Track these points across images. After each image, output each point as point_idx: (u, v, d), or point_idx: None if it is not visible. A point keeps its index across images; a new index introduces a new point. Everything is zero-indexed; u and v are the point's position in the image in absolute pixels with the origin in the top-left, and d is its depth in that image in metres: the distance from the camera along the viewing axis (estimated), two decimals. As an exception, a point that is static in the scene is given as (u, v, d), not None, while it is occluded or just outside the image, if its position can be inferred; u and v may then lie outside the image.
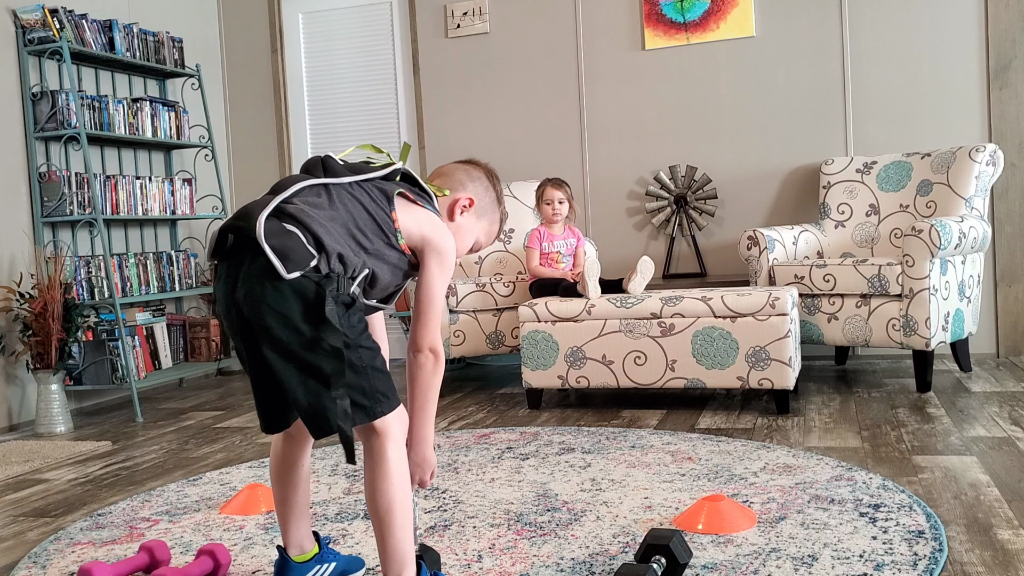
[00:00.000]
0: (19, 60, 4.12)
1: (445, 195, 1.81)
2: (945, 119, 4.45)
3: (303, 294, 1.49)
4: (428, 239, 1.68)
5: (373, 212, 1.64)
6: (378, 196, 1.66)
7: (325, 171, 1.66)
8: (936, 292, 3.55)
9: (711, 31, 4.74)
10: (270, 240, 1.48)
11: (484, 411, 3.76)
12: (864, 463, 2.63)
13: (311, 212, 1.54)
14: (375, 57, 5.38)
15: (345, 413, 1.52)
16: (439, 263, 1.69)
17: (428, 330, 1.68)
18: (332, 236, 1.54)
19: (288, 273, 1.48)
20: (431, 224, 1.70)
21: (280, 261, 1.47)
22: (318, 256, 1.51)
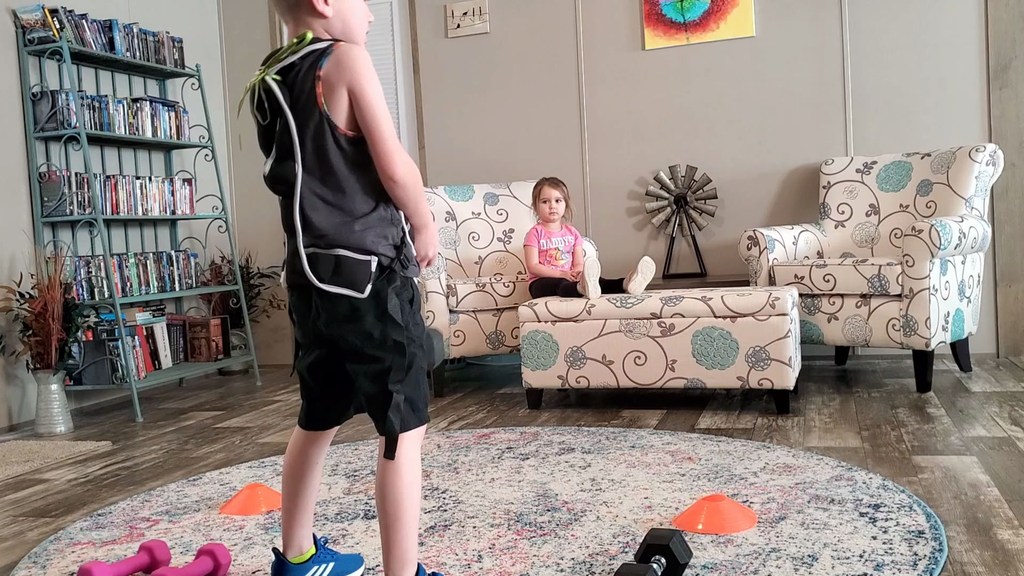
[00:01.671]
0: (19, 60, 4.12)
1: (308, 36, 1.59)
2: (945, 119, 4.45)
3: (372, 300, 1.59)
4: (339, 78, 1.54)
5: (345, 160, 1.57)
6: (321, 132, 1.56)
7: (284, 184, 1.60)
8: (936, 292, 3.55)
9: (711, 31, 4.74)
10: (332, 280, 1.57)
11: (484, 411, 3.76)
12: (864, 463, 2.63)
13: (334, 233, 1.58)
14: (375, 57, 5.35)
15: (398, 408, 1.59)
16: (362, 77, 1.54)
17: (389, 144, 1.56)
18: (365, 236, 1.58)
19: (364, 293, 1.58)
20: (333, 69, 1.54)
21: (352, 290, 1.57)
22: (373, 257, 1.58)
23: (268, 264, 5.56)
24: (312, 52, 1.57)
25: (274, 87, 1.57)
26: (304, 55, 1.57)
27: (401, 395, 1.60)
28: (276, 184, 1.63)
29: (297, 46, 1.58)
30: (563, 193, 4.14)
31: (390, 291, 1.60)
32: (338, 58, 1.55)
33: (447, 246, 4.57)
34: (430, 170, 5.22)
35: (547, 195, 4.13)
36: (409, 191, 1.60)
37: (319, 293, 1.59)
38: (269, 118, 1.60)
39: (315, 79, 1.54)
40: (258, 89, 1.59)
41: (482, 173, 5.12)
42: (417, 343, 1.64)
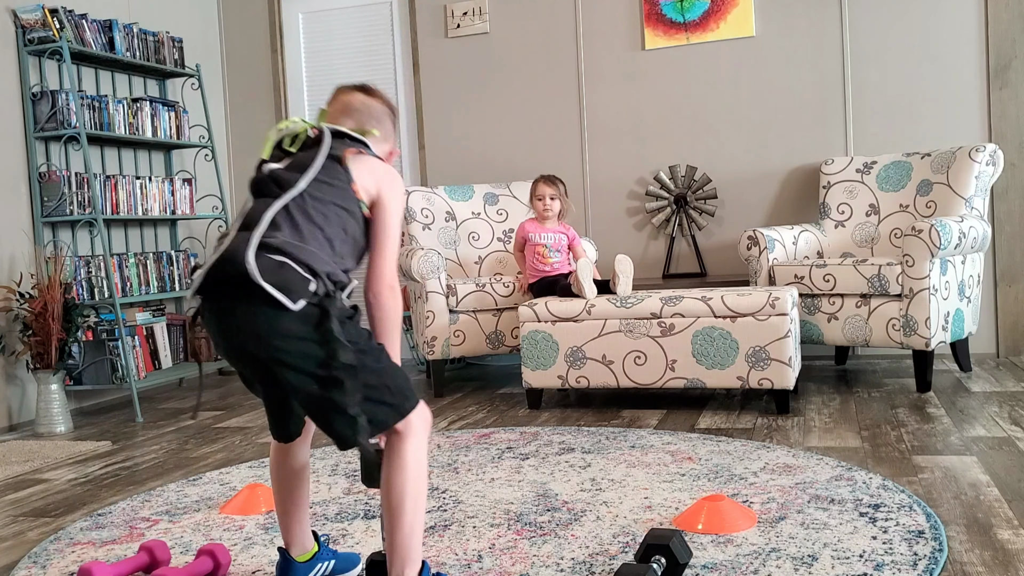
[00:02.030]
0: (19, 60, 4.12)
1: (376, 135, 1.79)
2: (945, 119, 4.45)
3: (308, 319, 1.53)
4: (379, 183, 1.70)
5: (339, 202, 1.64)
6: (334, 174, 1.66)
7: (279, 186, 1.62)
8: (936, 292, 3.55)
9: (711, 31, 4.74)
10: (268, 277, 1.50)
11: (484, 411, 3.76)
12: (864, 463, 2.63)
13: (293, 241, 1.57)
14: (375, 57, 5.38)
15: (364, 429, 1.56)
16: (393, 197, 1.71)
17: (386, 267, 1.70)
18: (319, 258, 1.58)
19: (296, 304, 1.52)
20: (377, 170, 1.72)
21: (284, 295, 1.51)
22: (314, 280, 1.55)
23: (268, 264, 5.55)
24: (365, 144, 1.75)
25: (326, 130, 1.70)
26: (357, 139, 1.74)
27: (364, 416, 1.56)
28: (272, 183, 1.63)
29: (358, 131, 1.75)
30: (558, 191, 4.12)
31: (332, 313, 1.55)
32: (388, 170, 1.74)
33: (447, 246, 4.57)
34: (430, 170, 5.22)
35: (541, 192, 4.13)
36: (388, 314, 1.68)
37: (247, 298, 1.51)
38: (298, 148, 1.70)
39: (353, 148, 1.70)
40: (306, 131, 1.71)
41: (482, 173, 5.12)
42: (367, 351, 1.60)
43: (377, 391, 1.58)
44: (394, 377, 1.62)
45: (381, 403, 1.58)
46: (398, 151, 1.86)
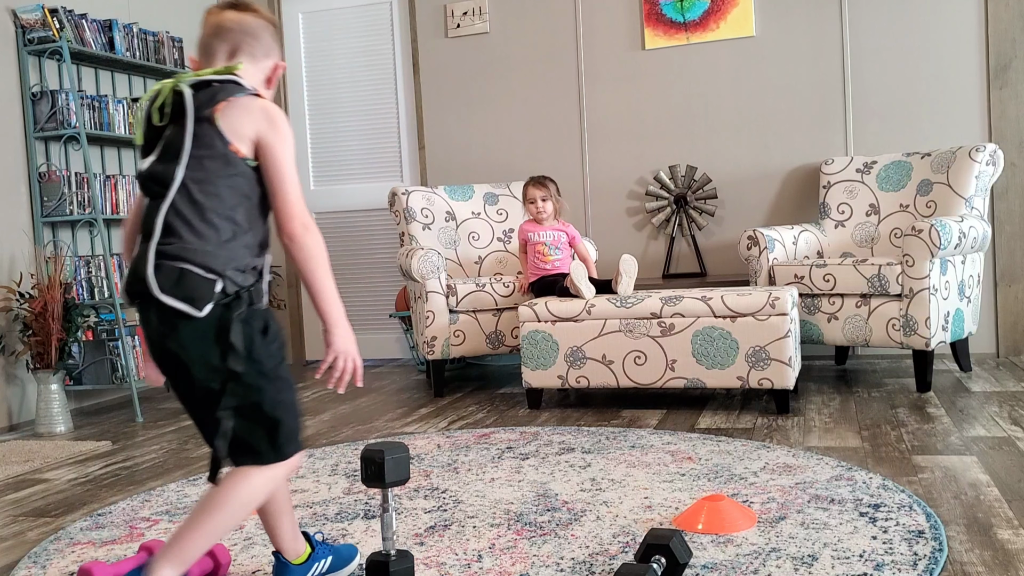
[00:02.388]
0: (19, 60, 4.12)
1: (242, 68, 1.65)
2: (945, 119, 4.45)
3: (211, 323, 1.54)
4: (256, 126, 1.59)
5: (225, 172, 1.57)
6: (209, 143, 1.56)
7: (160, 184, 1.58)
8: (936, 292, 3.55)
9: (711, 31, 4.74)
10: (170, 289, 1.52)
11: (484, 411, 3.76)
12: (864, 463, 2.63)
13: (191, 244, 1.54)
14: (375, 57, 5.38)
15: (225, 434, 1.55)
16: (278, 136, 1.60)
17: (293, 206, 1.59)
18: (219, 257, 1.55)
19: (202, 311, 1.52)
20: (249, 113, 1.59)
21: (189, 305, 1.52)
22: (220, 279, 1.54)
23: (268, 264, 5.55)
24: (235, 84, 1.61)
25: (187, 93, 1.58)
26: (225, 81, 1.61)
27: (231, 422, 1.55)
28: (152, 183, 1.58)
29: (223, 71, 1.62)
30: (549, 192, 4.11)
31: (235, 318, 1.54)
32: (264, 108, 1.60)
33: (447, 246, 4.57)
34: (430, 170, 5.23)
35: (531, 196, 4.13)
36: (307, 252, 1.58)
37: (157, 306, 1.54)
38: (167, 122, 1.60)
39: (223, 100, 1.58)
40: (168, 94, 1.60)
41: (482, 173, 5.12)
42: (271, 376, 1.59)
43: (268, 422, 1.58)
44: (290, 415, 1.61)
45: (266, 435, 1.57)
46: (282, 64, 1.75)
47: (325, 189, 5.50)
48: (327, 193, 5.50)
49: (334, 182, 5.49)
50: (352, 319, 6.12)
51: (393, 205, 4.58)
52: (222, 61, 1.68)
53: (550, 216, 4.12)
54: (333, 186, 5.49)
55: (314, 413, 3.92)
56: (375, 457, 1.70)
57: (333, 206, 5.49)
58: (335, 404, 4.11)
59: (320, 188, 5.51)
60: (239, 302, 1.56)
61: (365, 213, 5.42)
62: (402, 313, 4.93)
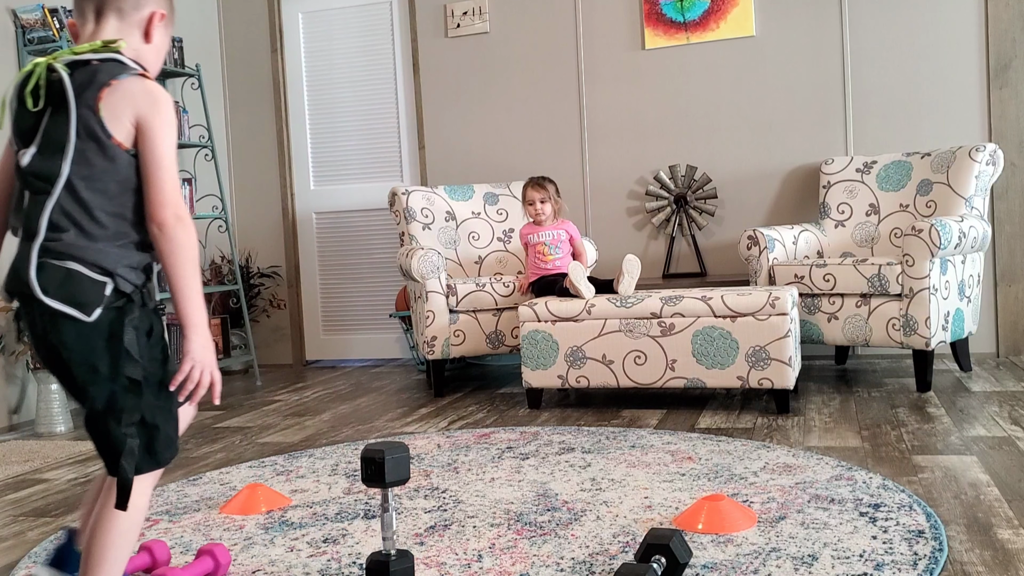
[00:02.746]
0: (19, 60, 4.12)
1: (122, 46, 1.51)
2: (945, 119, 4.45)
3: (101, 328, 1.45)
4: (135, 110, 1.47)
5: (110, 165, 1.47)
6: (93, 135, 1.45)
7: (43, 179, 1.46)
8: (936, 292, 3.55)
9: (711, 31, 4.74)
10: (56, 292, 1.42)
11: (484, 411, 3.76)
12: (864, 463, 2.63)
13: (79, 242, 1.44)
14: (375, 57, 5.38)
15: (132, 453, 1.46)
16: (159, 120, 1.48)
17: (166, 194, 1.47)
18: (110, 255, 1.46)
19: (90, 316, 1.43)
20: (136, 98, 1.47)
21: (76, 309, 1.43)
22: (110, 280, 1.46)
23: (268, 264, 5.56)
24: (115, 61, 1.49)
25: (64, 76, 1.45)
26: (105, 59, 1.48)
27: (136, 439, 1.47)
28: (36, 179, 1.46)
29: (103, 49, 1.49)
30: (547, 193, 4.12)
31: (126, 322, 1.46)
32: (147, 90, 1.48)
33: (447, 246, 4.57)
34: (430, 170, 5.23)
35: (530, 197, 4.14)
36: (175, 244, 1.46)
37: (41, 309, 1.43)
38: (43, 106, 1.47)
39: (106, 85, 1.46)
40: (43, 74, 1.47)
41: (482, 173, 5.12)
42: (151, 381, 1.50)
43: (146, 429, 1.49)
44: (169, 422, 1.52)
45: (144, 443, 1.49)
46: (160, 11, 1.57)
47: (325, 189, 5.50)
48: (327, 193, 5.50)
49: (334, 182, 5.49)
50: (352, 319, 6.08)
51: (393, 205, 4.58)
52: (91, 23, 1.55)
53: (549, 218, 4.12)
54: (333, 186, 5.49)
55: (314, 413, 3.92)
56: (375, 457, 1.70)
57: (333, 206, 5.49)
58: (335, 404, 4.11)
59: (320, 188, 5.51)
60: (131, 305, 1.47)
61: (365, 213, 5.42)
62: (402, 313, 4.93)
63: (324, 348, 5.56)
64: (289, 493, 2.61)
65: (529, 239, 4.12)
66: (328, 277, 5.53)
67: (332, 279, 5.52)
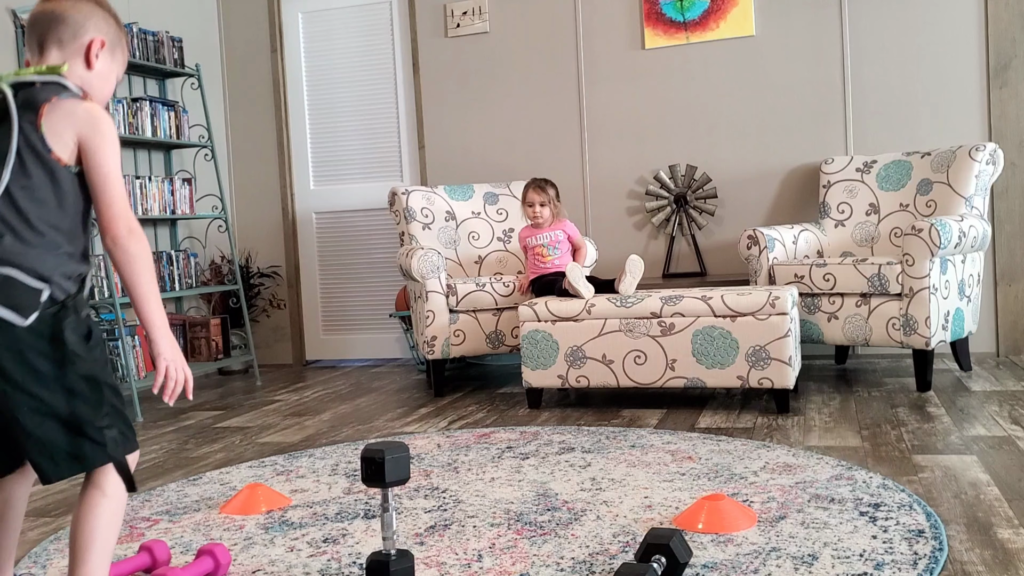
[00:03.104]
0: (19, 60, 4.12)
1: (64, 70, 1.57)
2: (945, 118, 4.45)
3: (41, 333, 1.46)
4: (77, 130, 1.53)
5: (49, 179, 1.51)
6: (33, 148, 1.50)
7: None
8: (936, 291, 3.55)
9: (711, 30, 4.74)
10: None
11: (484, 411, 3.76)
12: (864, 462, 2.63)
13: (15, 248, 1.47)
14: (375, 57, 5.38)
15: (115, 441, 1.50)
16: (100, 138, 1.54)
17: (116, 208, 1.54)
18: (46, 261, 1.49)
19: (26, 320, 1.45)
20: (71, 117, 1.53)
21: (13, 312, 1.44)
22: (47, 285, 1.48)
23: (268, 264, 5.56)
24: (57, 84, 1.55)
25: (8, 94, 1.52)
26: (48, 82, 1.55)
27: (114, 428, 1.51)
28: None
29: (46, 72, 1.56)
30: (547, 197, 4.12)
31: (66, 327, 1.48)
32: (87, 111, 1.55)
33: (447, 246, 4.57)
34: (430, 170, 5.23)
35: (530, 200, 4.14)
36: (130, 255, 1.53)
37: None
38: None
39: (46, 101, 1.52)
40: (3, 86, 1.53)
41: (482, 173, 5.12)
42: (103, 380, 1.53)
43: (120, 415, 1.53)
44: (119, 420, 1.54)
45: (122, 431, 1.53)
46: (98, 38, 1.63)
47: (325, 189, 5.50)
48: (327, 193, 5.50)
49: (334, 182, 5.49)
50: (352, 319, 6.09)
51: (393, 205, 4.58)
52: (37, 55, 1.62)
53: (547, 221, 4.14)
54: (333, 186, 5.49)
55: (314, 413, 3.92)
56: (375, 457, 1.70)
57: (333, 206, 5.49)
58: (335, 404, 4.11)
59: (320, 188, 5.51)
60: (66, 311, 1.50)
61: (365, 213, 5.42)
62: (402, 313, 4.93)
63: (324, 348, 5.56)
64: (289, 493, 2.61)
65: (528, 242, 4.14)
66: (328, 277, 5.53)
67: (332, 279, 5.52)
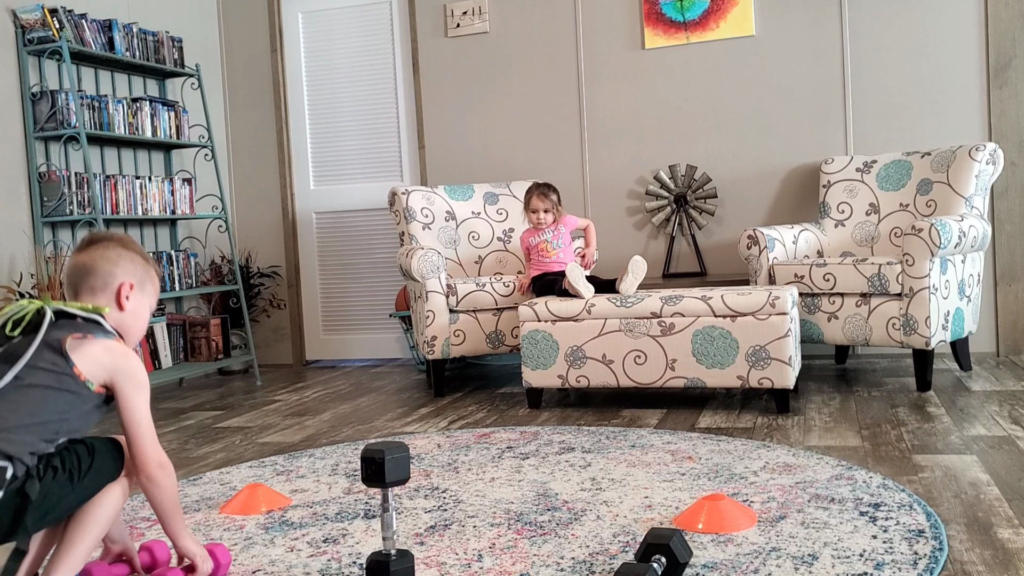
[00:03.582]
0: (19, 60, 4.12)
1: (106, 312, 1.76)
2: (945, 118, 4.45)
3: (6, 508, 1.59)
4: (112, 371, 1.71)
5: (56, 385, 1.65)
6: (51, 360, 1.66)
7: None
8: (936, 291, 3.55)
9: (711, 30, 4.74)
10: None
11: (484, 410, 3.76)
12: (864, 462, 2.63)
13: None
14: (375, 57, 5.38)
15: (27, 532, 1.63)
16: (132, 384, 1.73)
17: (148, 450, 1.73)
18: (14, 441, 1.59)
19: None
20: (109, 355, 1.71)
21: None
22: (11, 464, 1.58)
23: (268, 264, 5.56)
24: (96, 324, 1.73)
25: (48, 315, 1.68)
26: (89, 320, 1.72)
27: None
28: None
29: (91, 311, 1.73)
30: (550, 203, 4.14)
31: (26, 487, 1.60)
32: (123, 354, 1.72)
33: (447, 245, 4.57)
34: (430, 170, 5.23)
35: (534, 206, 4.15)
36: (164, 490, 1.74)
37: None
38: (18, 333, 1.68)
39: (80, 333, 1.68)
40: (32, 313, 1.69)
41: (482, 172, 5.12)
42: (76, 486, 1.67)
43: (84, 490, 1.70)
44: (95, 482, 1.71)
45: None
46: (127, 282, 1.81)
47: (325, 189, 5.50)
48: (327, 193, 5.50)
49: (334, 182, 5.49)
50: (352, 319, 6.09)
51: (393, 205, 4.58)
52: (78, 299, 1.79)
53: (549, 226, 4.15)
54: (333, 186, 5.49)
55: (314, 413, 3.92)
56: (375, 457, 1.70)
57: (333, 206, 5.49)
58: (335, 404, 4.11)
59: (320, 188, 5.51)
60: (32, 481, 1.61)
61: (365, 213, 5.42)
62: (402, 313, 4.93)
63: (324, 348, 5.56)
64: (289, 493, 2.61)
65: (530, 241, 4.14)
66: (328, 277, 5.53)
67: (332, 279, 5.52)
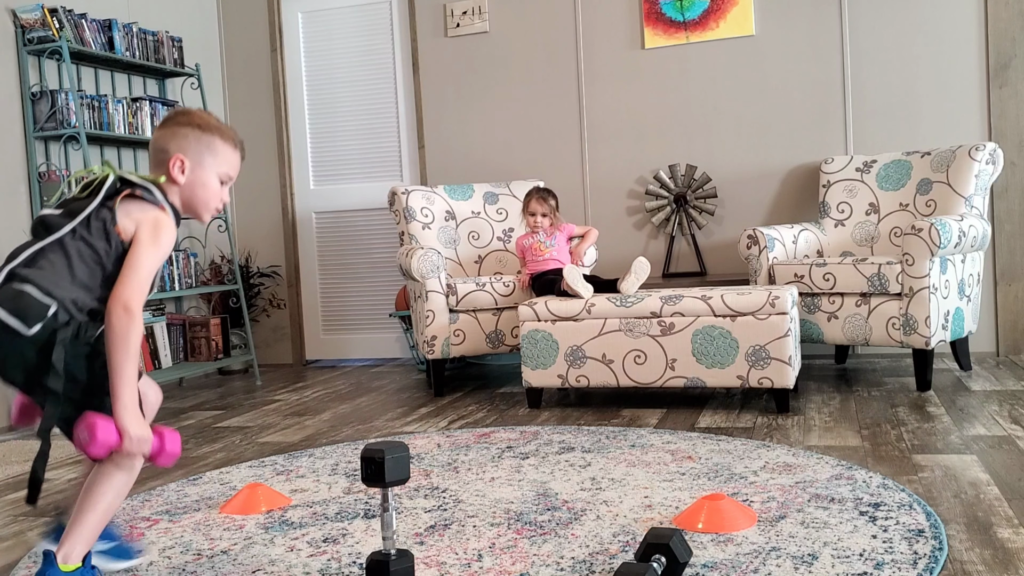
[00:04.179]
0: (19, 60, 4.12)
1: (161, 181, 1.88)
2: (945, 118, 4.45)
3: (37, 343, 1.66)
4: (139, 222, 1.79)
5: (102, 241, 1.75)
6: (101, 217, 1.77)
7: (46, 229, 1.76)
8: (936, 291, 3.55)
9: (711, 30, 4.74)
10: (5, 304, 1.66)
11: (484, 410, 3.76)
12: (864, 462, 2.63)
13: (41, 272, 1.70)
14: (375, 56, 5.38)
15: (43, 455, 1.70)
16: (150, 236, 1.79)
17: (123, 287, 1.73)
18: (62, 285, 1.69)
19: (29, 329, 1.65)
20: (142, 212, 1.81)
21: (17, 320, 1.65)
22: (55, 304, 1.67)
23: (268, 263, 5.56)
24: (148, 190, 1.85)
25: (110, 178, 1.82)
26: (142, 185, 1.85)
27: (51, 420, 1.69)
28: (39, 227, 1.78)
29: (150, 181, 1.87)
30: (548, 208, 4.17)
31: (59, 340, 1.66)
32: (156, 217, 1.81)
33: (447, 245, 4.57)
34: (430, 169, 5.23)
35: (532, 209, 4.19)
36: (115, 333, 1.70)
37: None
38: (84, 194, 1.82)
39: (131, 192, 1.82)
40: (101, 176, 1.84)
41: (482, 172, 5.12)
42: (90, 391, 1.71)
43: None
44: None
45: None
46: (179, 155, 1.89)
47: (325, 189, 5.50)
48: (327, 193, 5.50)
49: (334, 181, 5.49)
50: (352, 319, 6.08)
51: (393, 204, 4.58)
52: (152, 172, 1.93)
53: (542, 231, 4.17)
54: (333, 185, 5.49)
55: (314, 413, 3.92)
56: (375, 456, 1.70)
57: (333, 206, 5.49)
58: (335, 404, 4.11)
59: (320, 188, 5.51)
60: (67, 328, 1.68)
61: (365, 213, 5.42)
62: (402, 313, 4.93)
63: (324, 348, 5.56)
64: (289, 493, 2.61)
65: (524, 243, 4.17)
66: (328, 277, 5.53)
67: (332, 279, 5.52)
